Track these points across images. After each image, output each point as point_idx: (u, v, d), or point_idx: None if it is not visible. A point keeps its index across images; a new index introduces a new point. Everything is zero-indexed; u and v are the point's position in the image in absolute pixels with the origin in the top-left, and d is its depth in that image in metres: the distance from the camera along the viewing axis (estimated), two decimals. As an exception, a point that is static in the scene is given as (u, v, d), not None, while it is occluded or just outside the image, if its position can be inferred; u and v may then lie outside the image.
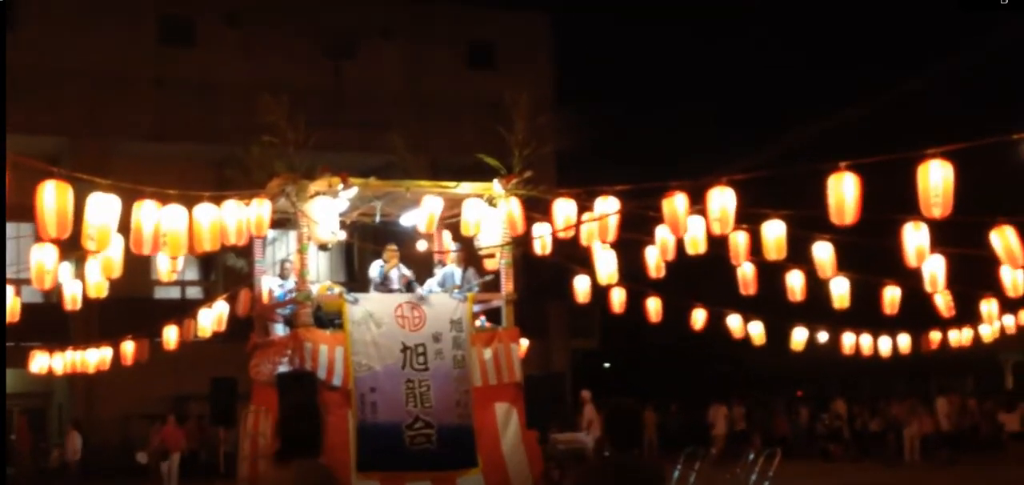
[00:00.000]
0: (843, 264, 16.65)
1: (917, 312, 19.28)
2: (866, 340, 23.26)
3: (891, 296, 18.66)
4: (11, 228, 27.33)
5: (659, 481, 5.86)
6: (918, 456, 27.28)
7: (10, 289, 16.70)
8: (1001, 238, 13.51)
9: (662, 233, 14.98)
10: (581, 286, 18.77)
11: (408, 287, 17.31)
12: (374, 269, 18.12)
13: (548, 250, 16.63)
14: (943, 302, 18.20)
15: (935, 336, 23.80)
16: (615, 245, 16.27)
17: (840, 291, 17.77)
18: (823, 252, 15.90)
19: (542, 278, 25.09)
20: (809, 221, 14.50)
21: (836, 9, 45.88)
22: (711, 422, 30.73)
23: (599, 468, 5.81)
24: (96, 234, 11.04)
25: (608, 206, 14.60)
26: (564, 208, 15.00)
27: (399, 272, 17.57)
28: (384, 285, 17.54)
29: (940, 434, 28.52)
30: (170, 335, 21.46)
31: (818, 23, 48.90)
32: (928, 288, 16.37)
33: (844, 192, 11.36)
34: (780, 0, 49.45)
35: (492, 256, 17.46)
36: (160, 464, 25.72)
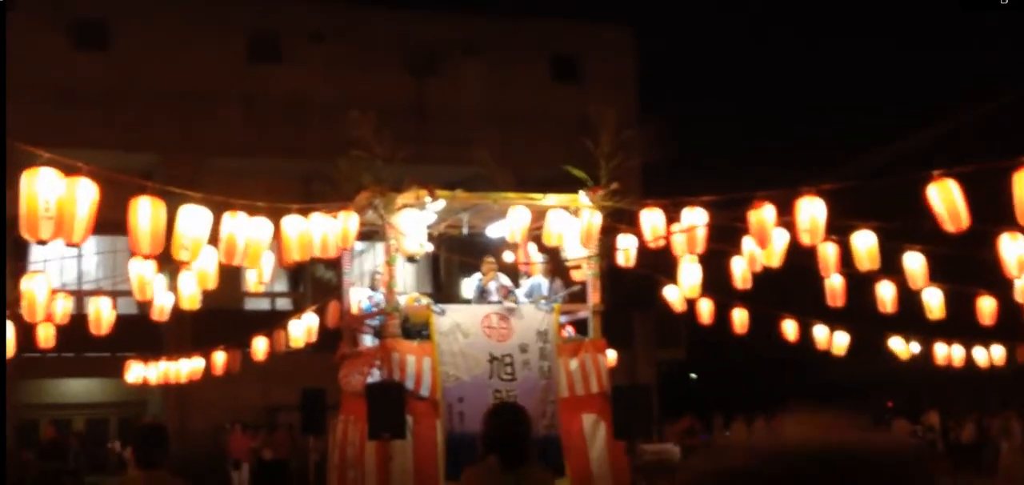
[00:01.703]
0: (936, 275, 16.40)
1: (1013, 323, 18.88)
2: (958, 351, 22.85)
3: (987, 307, 18.32)
4: (107, 241, 28.07)
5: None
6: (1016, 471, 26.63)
7: (107, 300, 17.09)
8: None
9: (749, 244, 14.87)
10: (668, 297, 18.70)
11: (508, 297, 17.42)
12: (472, 282, 18.27)
13: (632, 261, 16.61)
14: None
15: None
16: (701, 256, 16.21)
17: (933, 302, 17.49)
18: (914, 262, 15.67)
19: (628, 289, 25.04)
20: (901, 232, 14.32)
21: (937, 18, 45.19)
22: None
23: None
24: (190, 245, 11.28)
25: (695, 218, 14.55)
26: (650, 219, 14.95)
27: (497, 283, 17.68)
28: (483, 298, 17.67)
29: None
30: (259, 346, 21.79)
31: (912, 32, 48.15)
32: (1020, 299, 16.07)
33: (953, 198, 11.18)
34: (877, 6, 48.76)
35: (578, 267, 17.50)
36: (231, 473, 25.91)
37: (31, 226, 9.14)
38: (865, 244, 14.26)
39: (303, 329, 20.98)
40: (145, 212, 10.62)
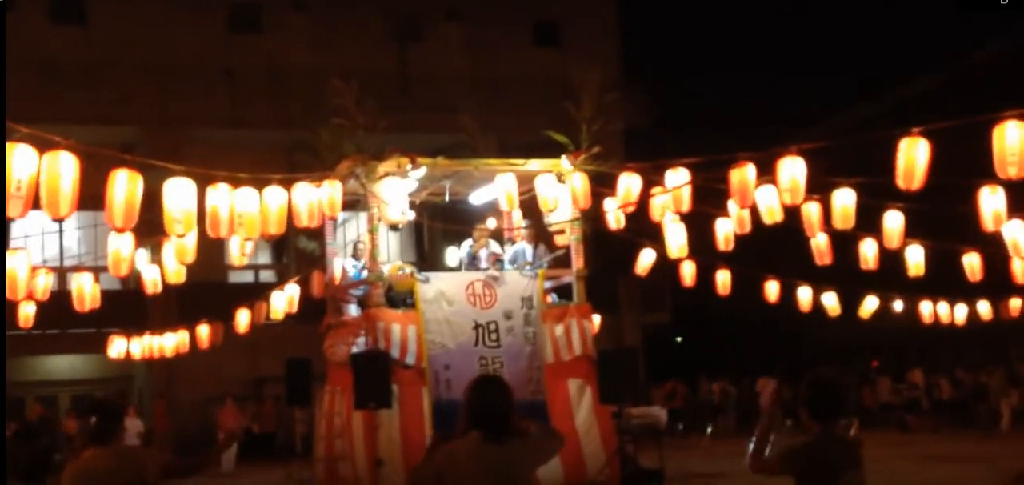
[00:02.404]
0: (918, 232, 16.46)
1: (995, 279, 18.96)
2: (943, 308, 22.95)
3: (970, 263, 18.39)
4: (89, 216, 27.92)
5: (859, 457, 5.82)
6: (1008, 427, 26.63)
7: (89, 276, 17.03)
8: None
9: (733, 205, 14.89)
10: (647, 261, 18.72)
11: (499, 265, 17.43)
12: (463, 248, 18.27)
13: (622, 224, 16.62)
14: (1021, 267, 17.91)
15: (1015, 303, 23.38)
16: (685, 218, 16.22)
17: (915, 259, 17.56)
18: (893, 221, 15.72)
19: (612, 254, 25.05)
20: (879, 189, 14.34)
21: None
22: (759, 391, 30.39)
23: (805, 441, 5.78)
24: (182, 218, 11.24)
25: (678, 178, 14.55)
26: (630, 183, 14.95)
27: (488, 251, 17.68)
28: (473, 264, 17.68)
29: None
30: (243, 318, 21.76)
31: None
32: (1011, 252, 16.14)
33: (915, 157, 11.23)
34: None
35: (562, 232, 17.51)
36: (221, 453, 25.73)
37: (14, 202, 9.08)
38: (841, 202, 14.32)
39: (285, 300, 20.94)
40: (121, 185, 10.57)
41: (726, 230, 16.17)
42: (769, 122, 37.05)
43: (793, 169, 12.28)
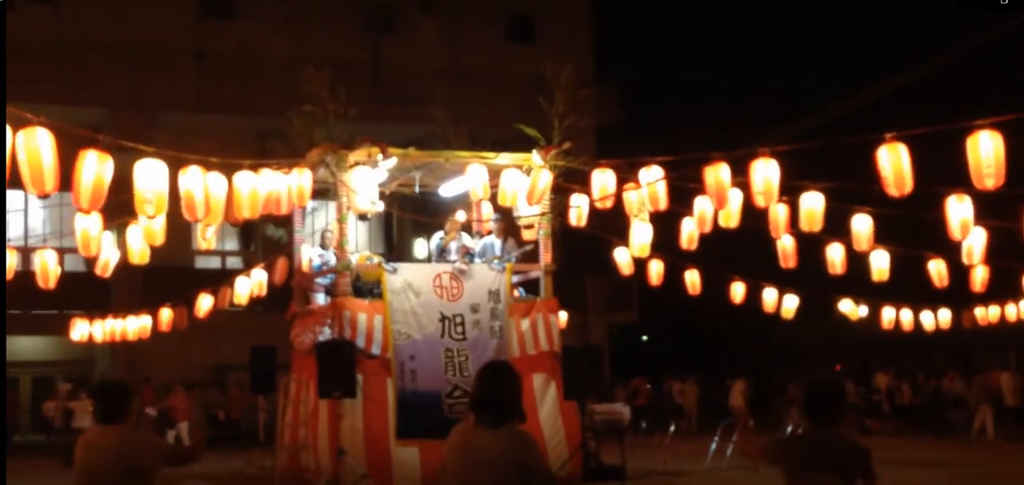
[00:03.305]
0: (883, 237, 16.54)
1: (958, 286, 19.12)
2: (906, 314, 23.10)
3: (936, 269, 18.53)
4: (54, 197, 27.69)
5: (860, 456, 5.82)
6: (990, 433, 26.66)
7: (53, 256, 16.87)
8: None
9: (701, 205, 14.91)
10: (620, 259, 18.76)
11: (468, 258, 17.41)
12: (433, 240, 18.25)
13: (583, 221, 16.63)
14: (980, 276, 18.10)
15: (979, 312, 23.57)
16: (653, 218, 16.27)
17: (880, 264, 17.67)
18: (862, 225, 15.78)
19: (580, 251, 25.09)
20: (849, 193, 14.41)
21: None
22: (729, 389, 30.44)
23: (800, 441, 5.82)
24: (154, 199, 11.16)
25: (649, 176, 14.57)
26: (602, 179, 14.96)
27: (458, 243, 17.67)
28: (442, 256, 17.66)
29: (1005, 409, 27.98)
30: (206, 303, 21.63)
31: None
32: (965, 261, 16.27)
33: (900, 162, 11.24)
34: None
35: (531, 227, 17.52)
36: (166, 432, 25.49)
37: None
38: (808, 205, 14.37)
39: (250, 286, 20.83)
40: (90, 166, 10.48)
41: (690, 230, 16.21)
42: (739, 122, 37.17)
43: (767, 171, 12.30)
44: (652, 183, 14.52)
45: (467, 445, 5.35)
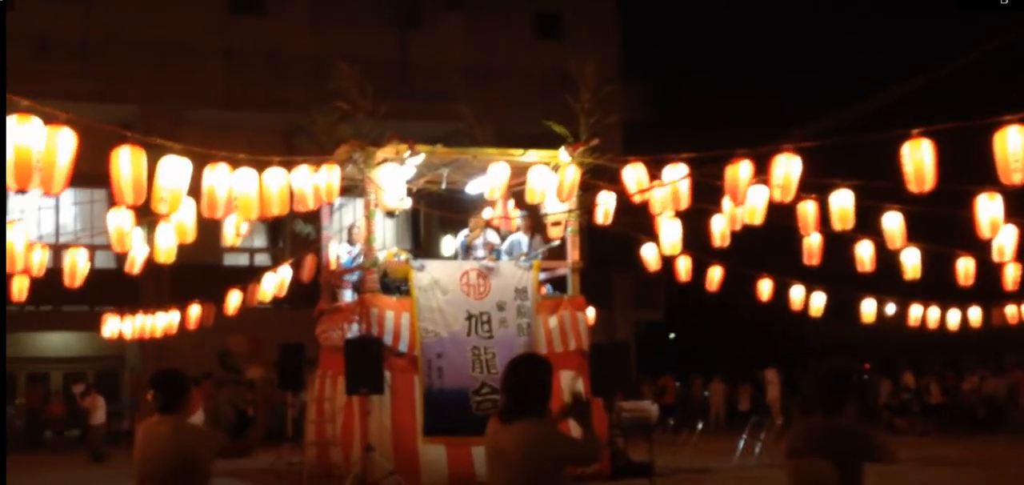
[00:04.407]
0: (915, 235, 16.43)
1: (987, 284, 18.98)
2: (934, 312, 22.95)
3: (965, 267, 18.40)
4: (85, 194, 27.91)
5: (869, 444, 5.81)
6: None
7: (83, 253, 16.98)
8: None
9: (729, 202, 14.86)
10: (647, 256, 18.70)
11: (494, 255, 17.43)
12: (459, 238, 18.28)
13: (610, 219, 16.61)
14: (1011, 274, 17.96)
15: (1010, 311, 23.40)
16: (680, 215, 16.22)
17: (911, 262, 17.52)
18: (893, 222, 15.67)
19: (607, 248, 25.05)
20: (878, 191, 14.33)
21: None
22: (767, 382, 30.34)
23: (811, 429, 5.80)
24: (169, 197, 11.19)
25: (675, 174, 14.54)
26: (634, 174, 14.91)
27: (484, 240, 17.69)
28: (468, 254, 17.68)
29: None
30: (233, 300, 21.73)
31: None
32: (995, 258, 16.16)
33: (922, 159, 11.17)
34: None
35: (558, 224, 17.51)
36: None
37: (21, 176, 9.01)
38: (839, 203, 14.27)
39: (276, 283, 20.90)
40: (126, 162, 10.52)
41: (721, 227, 16.14)
42: (766, 118, 37.01)
43: (788, 166, 12.25)
44: (676, 181, 14.47)
45: (491, 441, 5.39)
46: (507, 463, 5.25)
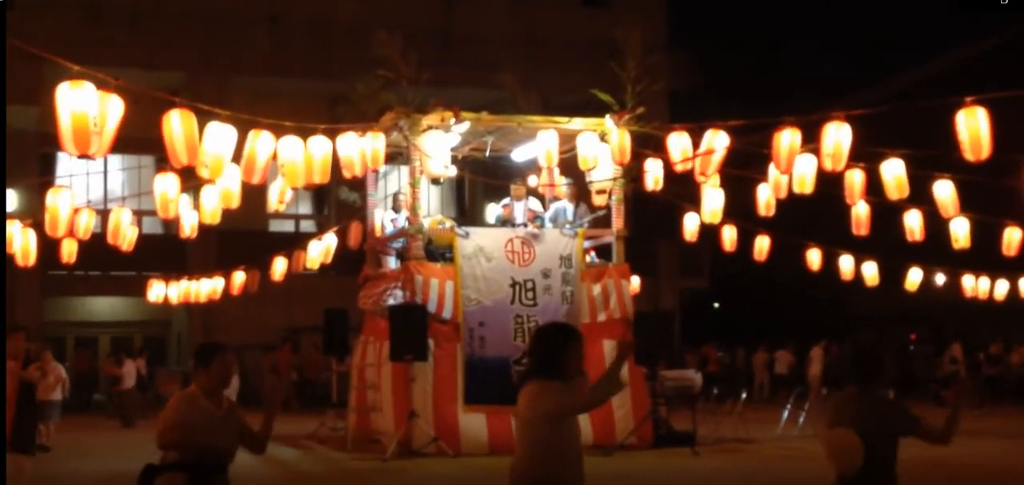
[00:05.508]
0: (964, 204, 16.18)
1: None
2: (984, 283, 22.66)
3: (1008, 237, 18.15)
4: (131, 159, 28.12)
5: (905, 415, 5.87)
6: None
7: (130, 218, 17.11)
8: None
9: (774, 170, 14.71)
10: (691, 225, 18.56)
11: (538, 221, 17.42)
12: (495, 212, 18.28)
13: (660, 185, 16.51)
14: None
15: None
16: (724, 183, 16.10)
17: (960, 231, 17.25)
18: (944, 191, 15.42)
19: (651, 216, 24.95)
20: (929, 160, 14.12)
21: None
22: (810, 359, 30.21)
23: (844, 401, 5.90)
24: (211, 162, 11.21)
25: (719, 142, 14.40)
26: (679, 142, 14.81)
27: (524, 206, 17.68)
28: (509, 221, 17.68)
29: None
30: (279, 266, 21.84)
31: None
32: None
33: (978, 127, 10.98)
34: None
35: (603, 192, 17.45)
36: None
37: (80, 141, 9.04)
38: (893, 172, 14.05)
39: (322, 250, 20.97)
40: (177, 124, 10.56)
41: (766, 196, 15.99)
42: (814, 86, 36.68)
43: (838, 134, 12.08)
44: (715, 151, 14.34)
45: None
46: (518, 422, 5.61)
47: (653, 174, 16.20)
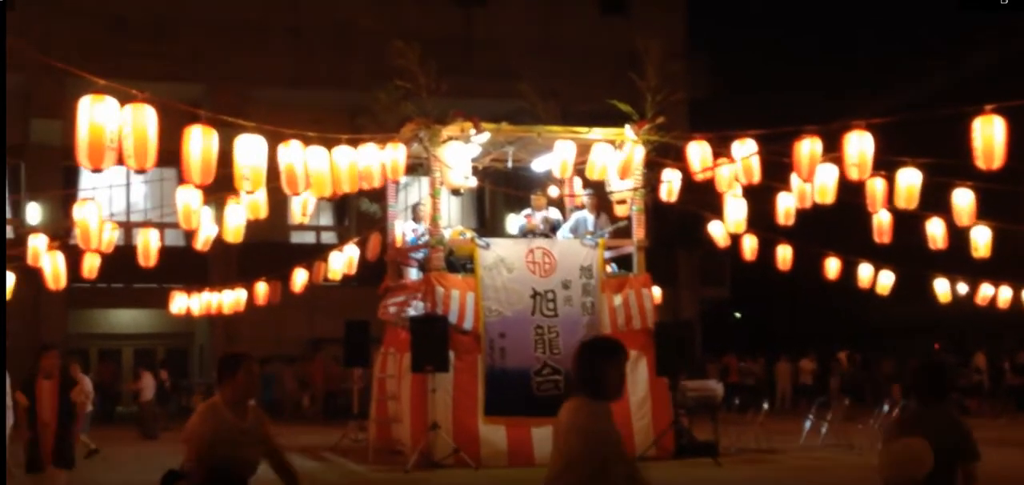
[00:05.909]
0: (984, 212, 16.12)
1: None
2: (1006, 292, 22.55)
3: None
4: (154, 172, 28.18)
5: (969, 443, 5.85)
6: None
7: (154, 231, 17.21)
8: None
9: (796, 179, 14.70)
10: (714, 233, 18.54)
11: (552, 230, 17.45)
12: (516, 224, 18.32)
13: (675, 196, 16.52)
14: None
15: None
16: (746, 192, 16.10)
17: (981, 240, 17.19)
18: (963, 199, 15.38)
19: (671, 226, 24.92)
20: (946, 167, 14.09)
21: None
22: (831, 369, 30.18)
23: (912, 414, 5.92)
24: (250, 175, 11.25)
25: (743, 150, 14.41)
26: (699, 152, 14.81)
27: (543, 215, 17.72)
28: (532, 232, 17.73)
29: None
30: (300, 277, 21.91)
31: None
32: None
33: (992, 135, 10.96)
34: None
35: (623, 202, 17.46)
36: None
37: (94, 155, 9.12)
38: (907, 181, 14.03)
39: (344, 261, 21.03)
40: (197, 141, 10.61)
41: (787, 205, 15.97)
42: (833, 96, 36.54)
43: (861, 143, 12.07)
44: (746, 158, 14.35)
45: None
46: (555, 436, 5.35)
47: (670, 183, 16.21)
